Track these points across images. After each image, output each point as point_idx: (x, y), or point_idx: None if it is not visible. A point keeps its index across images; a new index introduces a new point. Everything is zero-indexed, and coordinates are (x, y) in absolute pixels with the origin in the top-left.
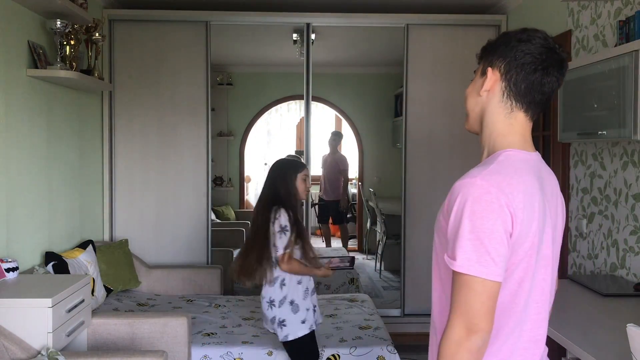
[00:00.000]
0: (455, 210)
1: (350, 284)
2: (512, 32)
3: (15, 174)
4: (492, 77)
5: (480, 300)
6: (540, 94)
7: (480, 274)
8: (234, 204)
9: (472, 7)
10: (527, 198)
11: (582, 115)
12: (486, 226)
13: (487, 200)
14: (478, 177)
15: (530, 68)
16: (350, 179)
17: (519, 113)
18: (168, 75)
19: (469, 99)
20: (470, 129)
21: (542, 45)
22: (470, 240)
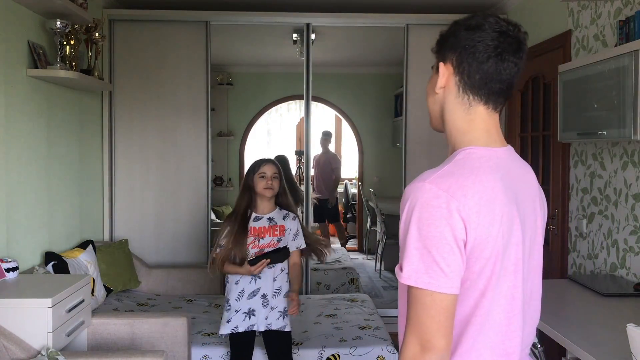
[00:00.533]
0: (403, 217)
1: (350, 284)
2: (461, 20)
3: (15, 174)
4: (445, 72)
5: (430, 315)
6: (498, 82)
7: (428, 286)
8: (233, 204)
9: (472, 7)
10: (484, 201)
11: (582, 115)
12: (433, 234)
13: (435, 205)
14: (427, 181)
15: (483, 56)
16: (350, 179)
17: (479, 106)
18: (168, 75)
19: (428, 98)
20: (435, 128)
21: (493, 30)
22: (417, 249)
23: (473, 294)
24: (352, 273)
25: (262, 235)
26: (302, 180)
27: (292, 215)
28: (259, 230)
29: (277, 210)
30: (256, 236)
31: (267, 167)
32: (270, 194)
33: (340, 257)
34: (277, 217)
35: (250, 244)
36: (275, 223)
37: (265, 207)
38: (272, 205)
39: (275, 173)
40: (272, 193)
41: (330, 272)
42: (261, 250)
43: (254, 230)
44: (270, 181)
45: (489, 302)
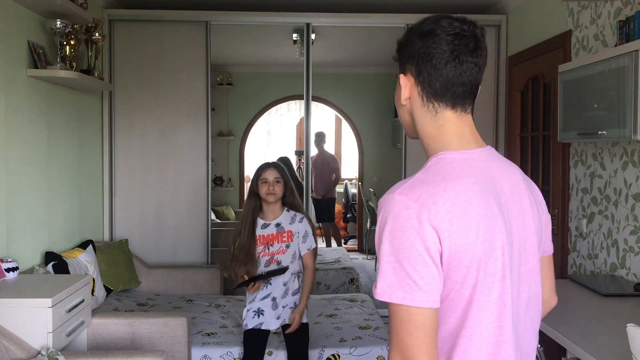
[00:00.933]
0: (377, 230)
1: (350, 284)
2: (414, 27)
3: (15, 174)
4: (406, 84)
5: (408, 332)
6: (461, 86)
7: (403, 301)
8: (234, 204)
9: (472, 7)
10: (457, 207)
11: (582, 115)
12: (404, 246)
13: (404, 216)
14: (397, 192)
15: (440, 63)
16: (350, 179)
17: (446, 112)
18: (168, 75)
19: (398, 110)
20: (412, 137)
21: (447, 34)
22: (389, 263)
23: (460, 304)
24: (352, 273)
25: (271, 243)
26: (303, 180)
27: (299, 216)
28: (267, 238)
29: (285, 214)
30: (265, 244)
31: (269, 173)
32: (273, 199)
33: (340, 257)
34: (285, 221)
35: (261, 252)
36: (282, 229)
37: (272, 212)
38: (279, 208)
39: (278, 177)
40: (274, 198)
41: (330, 272)
42: (271, 258)
43: (262, 239)
44: (272, 186)
45: (477, 312)
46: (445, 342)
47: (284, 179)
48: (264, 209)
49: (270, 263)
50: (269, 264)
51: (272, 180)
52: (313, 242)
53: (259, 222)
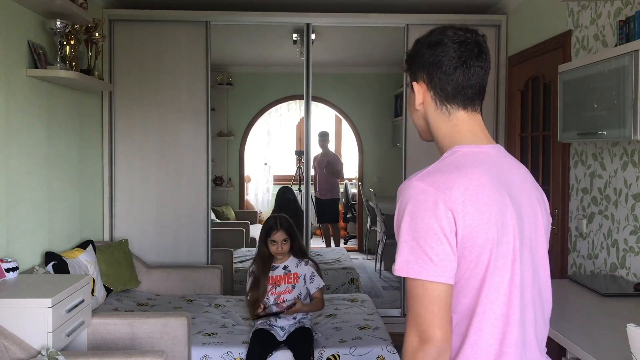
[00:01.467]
0: (395, 215)
1: (350, 284)
2: (422, 39)
3: (15, 174)
4: (419, 90)
5: (424, 306)
6: (470, 88)
7: (418, 275)
8: (234, 204)
9: (472, 7)
10: (470, 191)
11: (582, 115)
12: (420, 226)
13: (421, 199)
14: (414, 179)
15: (450, 69)
16: (350, 179)
17: (458, 112)
18: (168, 75)
19: (412, 115)
20: (425, 139)
21: (453, 42)
22: (407, 242)
23: (474, 283)
24: (352, 273)
25: (279, 283)
26: (303, 183)
27: (304, 260)
28: (275, 279)
29: (292, 258)
30: (273, 284)
31: (277, 235)
32: (281, 257)
33: (340, 257)
34: (292, 265)
35: (269, 291)
36: (289, 271)
37: (281, 257)
38: (287, 255)
39: (285, 238)
40: (282, 256)
41: (330, 272)
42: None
43: (270, 279)
44: (280, 247)
45: (489, 291)
46: (462, 321)
47: (291, 236)
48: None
49: (277, 301)
50: (276, 302)
51: (280, 242)
52: (321, 281)
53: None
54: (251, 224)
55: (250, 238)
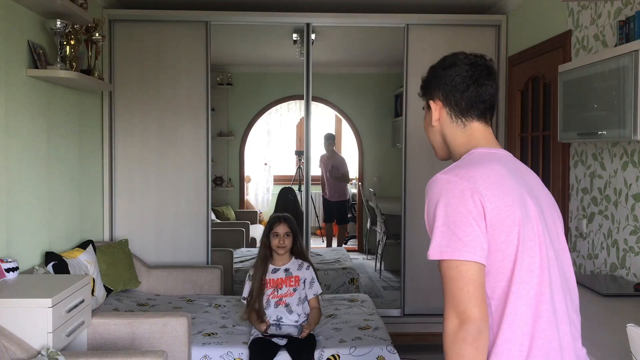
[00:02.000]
0: (426, 209)
1: (350, 284)
2: (437, 64)
3: (15, 174)
4: (436, 108)
5: (459, 287)
6: (482, 103)
7: (451, 256)
8: (234, 204)
9: (472, 7)
10: (492, 179)
11: (582, 115)
12: (449, 212)
13: (447, 188)
14: (438, 174)
15: (463, 86)
16: (350, 179)
17: (473, 123)
18: (168, 75)
19: (428, 133)
20: (442, 158)
21: (465, 64)
22: (438, 227)
23: (507, 264)
24: (352, 273)
25: (280, 286)
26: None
27: (305, 264)
28: (277, 281)
29: (293, 261)
30: (274, 287)
31: (280, 227)
32: (283, 251)
33: (340, 257)
34: (293, 267)
35: (270, 295)
36: (291, 274)
37: (282, 259)
38: (288, 257)
39: (288, 232)
40: (284, 251)
41: (330, 272)
42: (279, 300)
43: (272, 282)
44: (282, 240)
45: (520, 271)
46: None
47: (293, 232)
48: (274, 256)
49: (278, 304)
50: (278, 305)
51: (283, 234)
52: (319, 287)
53: (270, 267)
54: (251, 224)
55: (250, 238)
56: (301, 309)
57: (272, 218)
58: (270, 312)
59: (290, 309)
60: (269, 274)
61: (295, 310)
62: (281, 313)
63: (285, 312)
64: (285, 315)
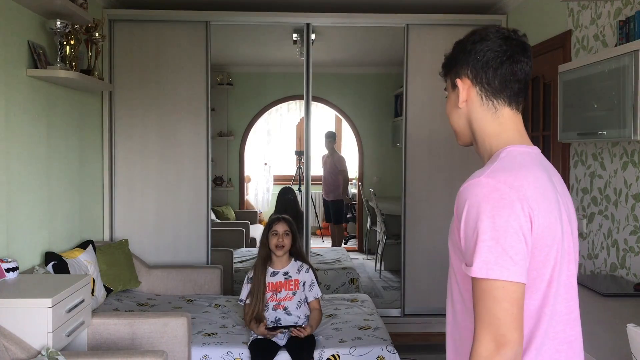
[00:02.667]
0: (465, 216)
1: (350, 284)
2: (464, 38)
3: (15, 174)
4: (463, 87)
5: (503, 308)
6: (517, 82)
7: (500, 276)
8: (234, 204)
9: (472, 7)
10: (539, 190)
11: (582, 115)
12: (499, 224)
13: (496, 197)
14: (482, 176)
15: (496, 62)
16: (350, 179)
17: (504, 109)
18: (168, 76)
19: (452, 117)
20: (464, 143)
21: (497, 38)
22: (485, 241)
23: (541, 285)
24: (352, 273)
25: (279, 290)
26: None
27: (305, 266)
28: (276, 285)
29: (292, 263)
30: (274, 291)
31: (279, 226)
32: (281, 252)
33: (340, 257)
34: (292, 270)
35: (270, 298)
36: (290, 277)
37: (281, 262)
38: (287, 259)
39: (287, 230)
40: (282, 251)
41: (330, 272)
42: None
43: (271, 286)
44: (281, 239)
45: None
46: (526, 324)
47: (293, 233)
48: (273, 259)
49: (277, 308)
50: (276, 309)
51: (282, 233)
52: (318, 290)
53: (269, 271)
54: (251, 224)
55: (250, 238)
56: (300, 311)
57: (272, 218)
58: (268, 314)
59: (288, 312)
60: (267, 277)
61: (294, 313)
62: (279, 315)
63: (284, 314)
64: (284, 317)
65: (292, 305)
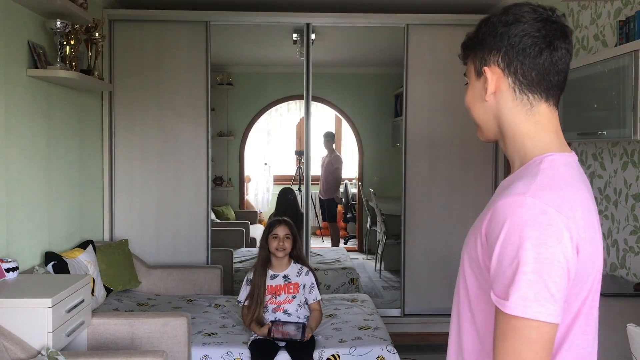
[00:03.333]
0: (503, 238)
1: (350, 284)
2: (494, 17)
3: (15, 174)
4: (492, 77)
5: (533, 351)
6: (556, 74)
7: (537, 316)
8: (234, 204)
9: (472, 7)
10: (585, 214)
11: (582, 115)
12: (544, 256)
13: (543, 223)
14: (527, 195)
15: (534, 51)
16: (350, 179)
17: (541, 105)
18: (168, 75)
19: (475, 109)
20: (488, 140)
21: (535, 20)
22: (526, 274)
23: (567, 317)
24: (352, 273)
25: (279, 293)
26: (303, 181)
27: (305, 269)
28: (275, 288)
29: (292, 266)
30: (273, 294)
31: (280, 229)
32: (282, 254)
33: (340, 257)
34: (292, 273)
35: (269, 301)
36: (290, 281)
37: (280, 265)
38: (287, 262)
39: (288, 234)
40: (283, 254)
41: (330, 272)
42: (277, 307)
43: (270, 289)
44: (282, 242)
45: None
46: None
47: (293, 235)
48: (272, 262)
49: (276, 311)
50: (276, 311)
51: (282, 236)
52: (318, 294)
53: (268, 273)
54: (251, 224)
55: (250, 238)
56: (300, 312)
57: (272, 220)
58: (267, 315)
59: (288, 314)
60: (267, 280)
61: (294, 314)
62: (279, 316)
63: (284, 316)
64: (284, 319)
65: (292, 307)
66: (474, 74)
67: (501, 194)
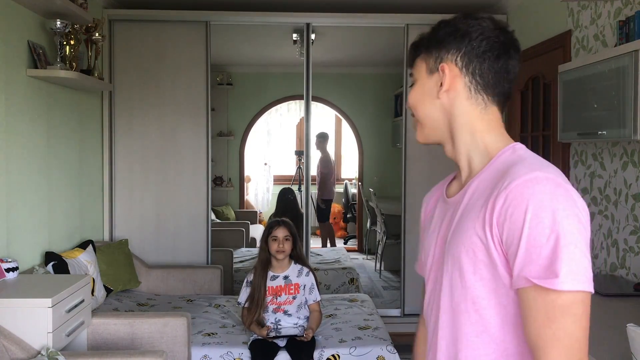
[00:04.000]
0: (529, 219)
1: (350, 284)
2: (456, 19)
3: (15, 174)
4: (449, 74)
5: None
6: (508, 82)
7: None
8: (234, 204)
9: (472, 7)
10: None
11: (582, 115)
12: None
13: (563, 194)
14: (537, 172)
15: (493, 55)
16: (350, 179)
17: (493, 107)
18: (168, 75)
19: (422, 107)
20: (429, 141)
21: (495, 27)
22: (567, 247)
23: None
24: (352, 273)
25: (279, 294)
26: (303, 181)
27: (306, 270)
28: (276, 289)
29: (292, 267)
30: (274, 295)
31: (279, 231)
32: (282, 256)
33: (340, 257)
34: (292, 274)
35: (269, 302)
36: (290, 281)
37: (281, 265)
38: (287, 263)
39: (287, 235)
40: (283, 255)
41: (330, 272)
42: (278, 307)
43: (271, 290)
44: (281, 244)
45: None
46: None
47: (293, 236)
48: (273, 263)
49: (277, 311)
50: (276, 312)
51: (282, 238)
52: (318, 295)
53: (268, 274)
54: (251, 224)
55: (250, 238)
56: (300, 313)
57: (271, 222)
58: (268, 316)
59: (288, 315)
60: (267, 280)
61: (294, 315)
62: (279, 317)
63: (284, 316)
64: (284, 319)
65: (292, 308)
66: (425, 72)
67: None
